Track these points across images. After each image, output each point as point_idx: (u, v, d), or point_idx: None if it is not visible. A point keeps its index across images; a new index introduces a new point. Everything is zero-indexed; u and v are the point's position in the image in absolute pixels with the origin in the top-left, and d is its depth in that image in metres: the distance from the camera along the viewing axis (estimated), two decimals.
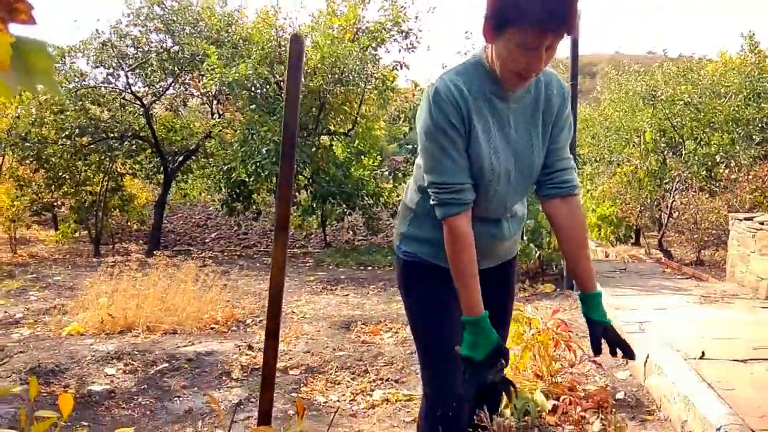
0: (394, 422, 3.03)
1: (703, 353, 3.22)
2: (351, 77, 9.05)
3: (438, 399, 1.74)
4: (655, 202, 9.92)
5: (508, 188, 1.67)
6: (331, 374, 3.69)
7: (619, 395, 3.15)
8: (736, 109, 9.20)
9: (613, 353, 1.63)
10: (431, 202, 1.61)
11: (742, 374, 2.97)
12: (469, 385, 1.55)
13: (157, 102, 11.10)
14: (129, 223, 11.99)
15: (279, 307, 1.73)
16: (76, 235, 11.04)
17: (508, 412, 2.90)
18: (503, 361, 1.56)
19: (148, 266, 5.24)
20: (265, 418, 1.72)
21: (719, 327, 3.83)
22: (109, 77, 10.21)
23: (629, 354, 1.62)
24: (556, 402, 3.02)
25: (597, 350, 1.63)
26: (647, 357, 3.15)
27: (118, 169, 10.84)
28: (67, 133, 9.68)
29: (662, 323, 3.97)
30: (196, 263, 5.39)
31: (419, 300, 1.81)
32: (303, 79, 9.01)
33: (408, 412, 3.09)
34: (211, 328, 4.66)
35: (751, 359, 3.19)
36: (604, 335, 1.63)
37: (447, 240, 1.60)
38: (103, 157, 10.31)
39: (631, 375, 3.41)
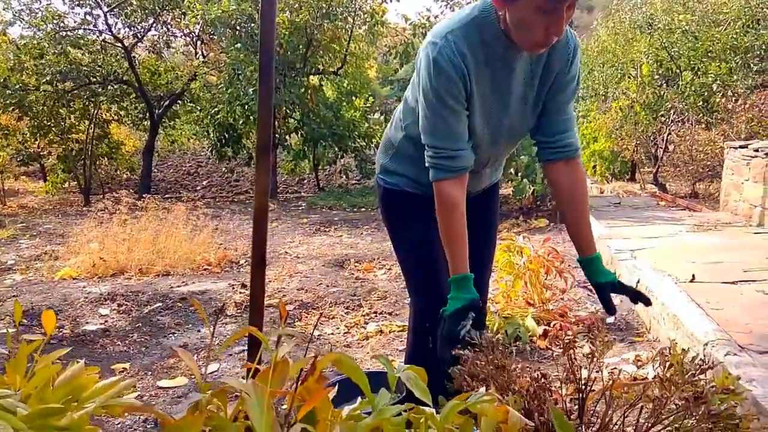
0: (387, 351, 3.06)
1: (693, 276, 3.23)
2: (338, 11, 8.76)
3: (426, 307, 1.75)
4: (651, 137, 9.84)
5: (494, 149, 1.68)
6: (325, 309, 3.71)
7: (610, 320, 3.17)
8: (735, 36, 8.98)
9: (634, 301, 1.64)
10: (426, 164, 1.59)
11: (732, 295, 2.99)
12: (442, 341, 1.58)
13: (138, 44, 10.77)
14: (118, 172, 11.86)
15: (264, 233, 1.69)
16: (66, 185, 10.93)
17: (499, 337, 2.93)
18: (473, 315, 1.57)
19: (139, 210, 5.19)
20: (254, 342, 1.70)
21: (710, 252, 3.84)
22: (88, 17, 9.86)
23: (645, 300, 1.63)
24: (546, 327, 3.05)
25: (610, 309, 1.65)
26: (638, 281, 3.16)
27: (104, 116, 10.62)
28: (48, 78, 9.42)
29: (654, 250, 3.97)
30: (186, 206, 5.34)
31: (400, 223, 1.85)
32: (288, 15, 8.73)
33: (401, 341, 3.12)
34: (205, 269, 4.66)
35: (741, 281, 3.20)
36: (613, 292, 1.63)
37: (436, 202, 1.60)
38: (87, 104, 10.09)
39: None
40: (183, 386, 2.70)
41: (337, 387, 1.10)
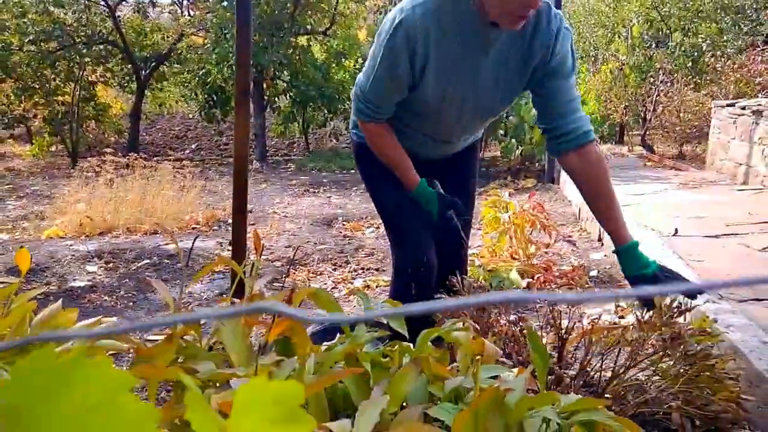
0: (373, 305, 3.09)
1: (676, 230, 3.27)
2: None
3: (405, 255, 1.78)
4: (640, 98, 9.81)
5: (459, 121, 1.69)
6: (312, 266, 3.73)
7: (593, 273, 3.22)
8: None
9: (692, 297, 1.55)
10: (353, 102, 1.69)
11: (714, 248, 3.03)
12: (436, 229, 1.72)
13: (123, 2, 10.52)
14: (106, 135, 11.70)
15: (245, 179, 1.69)
16: (53, 149, 10.79)
17: (481, 282, 2.97)
18: (457, 202, 1.71)
19: (125, 169, 5.15)
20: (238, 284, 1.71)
21: (694, 208, 3.88)
22: None
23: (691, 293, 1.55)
24: (530, 280, 3.09)
25: (648, 304, 1.58)
26: None
27: (89, 78, 10.42)
28: (31, 38, 9.20)
29: (639, 207, 4.01)
30: (174, 165, 5.30)
31: (374, 175, 1.87)
32: None
33: (388, 296, 3.15)
34: (193, 228, 4.66)
35: (723, 235, 3.25)
36: (654, 283, 1.56)
37: (365, 135, 1.73)
38: (72, 65, 9.88)
39: (605, 255, 3.48)
40: None
41: (317, 332, 1.12)
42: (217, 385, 0.81)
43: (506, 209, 3.27)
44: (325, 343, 1.12)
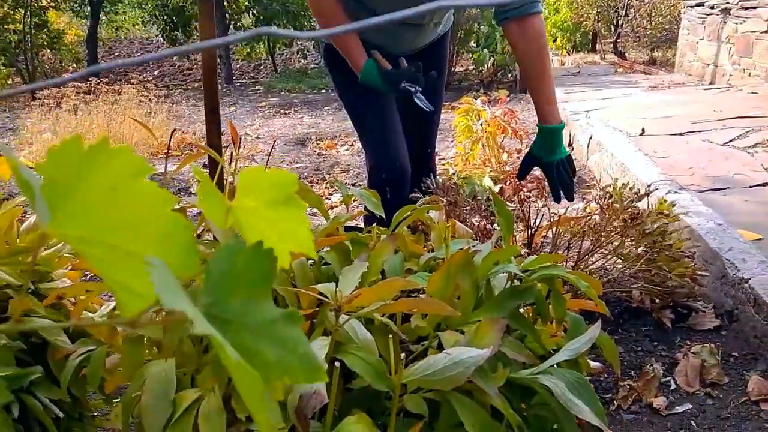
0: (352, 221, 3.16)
1: (643, 130, 3.35)
2: None
3: (378, 162, 1.81)
4: (612, 3, 9.66)
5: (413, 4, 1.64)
6: None
7: None
8: None
9: (556, 198, 1.59)
10: None
11: (678, 144, 3.13)
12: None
13: None
14: (63, 64, 11.23)
15: (214, 78, 1.67)
16: (10, 81, 10.34)
17: (454, 181, 3.05)
18: (407, 70, 1.60)
19: (88, 94, 5.01)
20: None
21: (661, 108, 3.96)
22: None
23: (567, 194, 1.59)
24: (503, 186, 3.18)
25: (557, 197, 1.60)
26: (590, 137, 3.27)
27: (39, 2, 9.85)
28: None
29: (609, 110, 4.07)
30: (137, 89, 5.16)
31: (345, 80, 1.84)
32: None
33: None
34: (164, 153, 4.60)
35: (687, 132, 3.34)
36: (558, 174, 1.57)
37: (318, 18, 1.70)
38: None
39: (575, 158, 3.56)
40: None
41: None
42: None
43: (478, 118, 3.30)
44: None
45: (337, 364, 0.70)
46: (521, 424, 0.73)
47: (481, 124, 3.26)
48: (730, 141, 3.11)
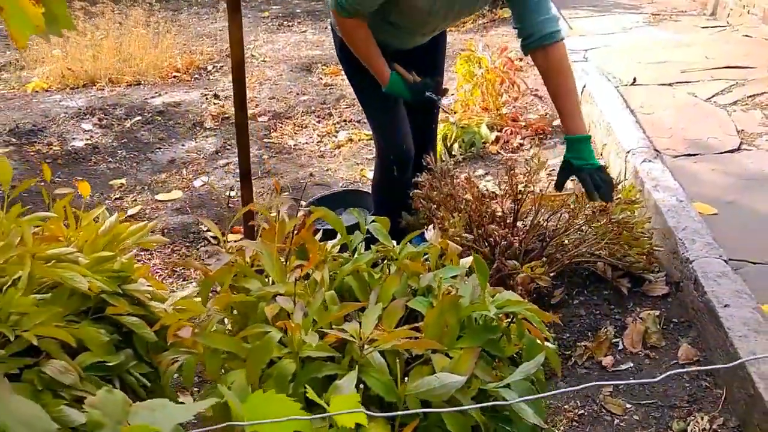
0: (357, 160, 3.43)
1: (634, 79, 3.52)
2: None
3: (387, 145, 2.08)
4: None
5: (445, 19, 1.88)
6: (297, 119, 3.97)
7: (556, 122, 3.52)
8: None
9: (590, 197, 1.75)
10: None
11: (665, 98, 3.32)
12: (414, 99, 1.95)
13: None
14: None
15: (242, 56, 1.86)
16: None
17: (456, 146, 3.30)
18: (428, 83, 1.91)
19: (94, 16, 5.04)
20: (245, 159, 1.96)
21: (657, 50, 4.08)
22: None
23: (605, 196, 1.75)
24: (499, 133, 3.41)
25: (590, 197, 1.76)
26: (584, 87, 3.45)
27: None
28: None
29: (607, 49, 4.19)
30: (143, 8, 5.17)
31: (357, 71, 2.02)
32: None
33: (369, 150, 3.46)
34: (174, 77, 4.74)
35: (676, 82, 3.51)
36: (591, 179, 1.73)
37: (341, 28, 1.88)
38: None
39: None
40: (179, 199, 3.08)
41: (321, 232, 1.46)
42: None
43: (479, 64, 3.46)
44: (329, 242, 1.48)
45: (361, 386, 1.04)
46: (486, 422, 1.08)
47: (481, 73, 3.44)
48: (714, 96, 3.31)
